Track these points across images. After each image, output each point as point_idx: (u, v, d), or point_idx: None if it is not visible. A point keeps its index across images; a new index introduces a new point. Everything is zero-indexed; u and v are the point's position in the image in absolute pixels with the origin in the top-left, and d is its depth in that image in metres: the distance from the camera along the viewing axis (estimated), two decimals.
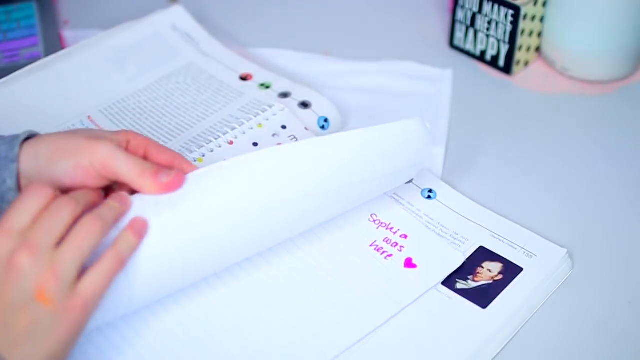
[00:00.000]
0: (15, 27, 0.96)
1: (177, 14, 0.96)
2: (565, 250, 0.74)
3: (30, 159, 0.65)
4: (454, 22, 0.95)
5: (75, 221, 0.60)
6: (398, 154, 0.73)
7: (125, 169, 0.64)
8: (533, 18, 0.91)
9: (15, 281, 0.56)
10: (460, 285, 0.72)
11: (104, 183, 0.66)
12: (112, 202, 0.63)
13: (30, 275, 0.56)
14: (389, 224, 0.76)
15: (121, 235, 0.61)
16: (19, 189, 0.65)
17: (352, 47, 0.97)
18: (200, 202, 0.65)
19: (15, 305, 0.56)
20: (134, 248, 0.61)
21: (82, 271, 0.59)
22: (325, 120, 0.85)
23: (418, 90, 0.91)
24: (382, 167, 0.72)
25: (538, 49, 0.95)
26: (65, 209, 0.59)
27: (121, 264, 0.60)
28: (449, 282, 0.72)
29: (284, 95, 0.87)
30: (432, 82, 0.93)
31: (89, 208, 0.62)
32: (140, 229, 0.62)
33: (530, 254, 0.74)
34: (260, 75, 0.90)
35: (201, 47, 0.94)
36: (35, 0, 0.98)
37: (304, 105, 0.86)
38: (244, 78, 0.90)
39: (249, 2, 1.03)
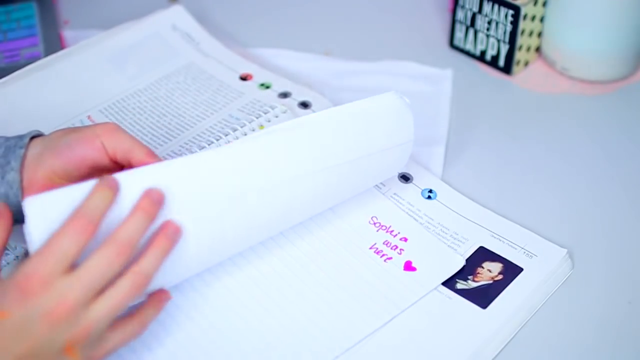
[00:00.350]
0: (15, 27, 0.96)
1: (177, 14, 0.96)
2: (566, 250, 0.74)
3: (37, 143, 0.69)
4: (454, 22, 0.95)
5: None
6: (380, 127, 0.73)
7: (128, 137, 0.68)
8: (533, 18, 0.91)
9: (49, 333, 0.57)
10: (461, 285, 0.72)
11: (104, 158, 0.68)
12: (157, 243, 0.61)
13: (64, 330, 0.57)
14: (389, 226, 0.76)
15: (149, 303, 0.63)
16: (21, 172, 0.67)
17: (352, 47, 0.97)
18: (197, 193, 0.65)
19: (43, 352, 0.57)
20: (157, 315, 0.63)
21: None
22: None
23: (418, 90, 0.91)
24: (367, 143, 0.72)
25: (538, 49, 0.95)
26: (115, 260, 0.58)
27: (143, 330, 0.62)
28: (449, 282, 0.72)
29: (284, 95, 0.87)
30: (432, 82, 0.93)
31: (143, 235, 0.61)
32: (166, 297, 0.64)
33: (531, 254, 0.74)
34: (260, 75, 0.90)
35: (201, 47, 0.94)
36: (35, 0, 0.98)
37: (304, 105, 0.86)
38: (244, 78, 0.90)
39: (249, 2, 1.03)
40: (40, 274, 0.56)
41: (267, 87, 0.89)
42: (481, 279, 0.72)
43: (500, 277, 0.72)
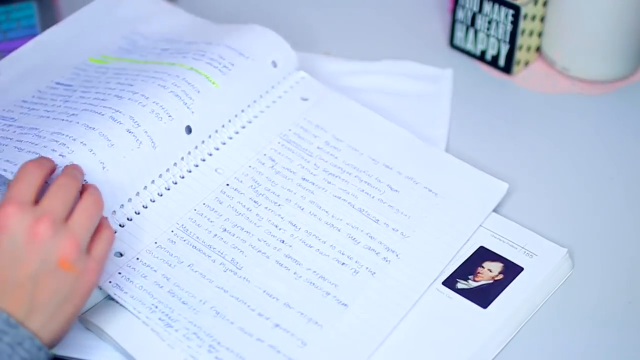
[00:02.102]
0: (15, 27, 0.96)
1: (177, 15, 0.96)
2: (566, 249, 0.74)
3: None
4: (454, 21, 0.95)
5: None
6: None
7: None
8: (533, 18, 0.91)
9: (38, 251, 0.60)
10: (461, 285, 0.72)
11: None
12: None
13: (53, 245, 0.61)
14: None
15: (87, 194, 0.67)
16: None
17: (352, 47, 0.97)
18: None
19: (39, 274, 0.60)
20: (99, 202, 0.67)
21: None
22: None
23: (418, 90, 0.91)
24: None
25: (538, 49, 0.95)
26: (73, 184, 0.65)
27: (108, 223, 0.67)
28: (449, 282, 0.72)
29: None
30: (432, 82, 0.92)
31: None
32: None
33: (531, 254, 0.74)
34: None
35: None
36: (35, 0, 0.98)
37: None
38: None
39: (248, 2, 1.03)
40: (12, 203, 0.61)
41: None
42: (481, 278, 0.72)
43: (501, 276, 0.72)
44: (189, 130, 0.78)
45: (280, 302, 0.69)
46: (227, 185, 0.78)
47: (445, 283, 0.72)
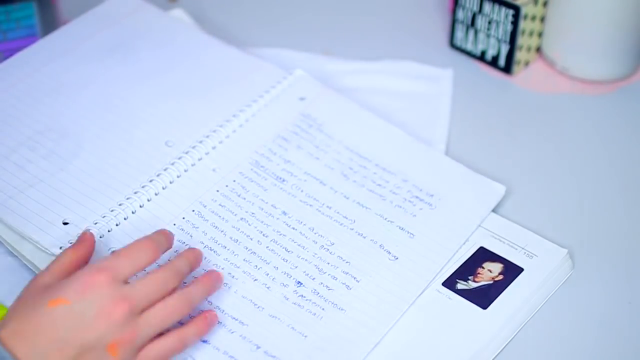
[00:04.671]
0: (15, 27, 0.96)
1: (178, 16, 0.96)
2: (566, 250, 0.74)
3: None
4: (454, 21, 0.95)
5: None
6: None
7: None
8: (533, 18, 0.91)
9: (101, 329, 0.60)
10: (461, 285, 0.72)
11: None
12: (202, 281, 0.67)
13: (117, 329, 0.60)
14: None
15: (194, 323, 0.65)
16: None
17: (352, 47, 0.97)
18: None
19: (87, 344, 0.59)
20: (197, 339, 0.66)
21: None
22: None
23: (418, 90, 0.91)
24: None
25: (538, 49, 0.95)
26: (170, 281, 0.64)
27: (182, 349, 0.64)
28: (449, 282, 0.72)
29: None
30: (432, 82, 0.92)
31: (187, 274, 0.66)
32: (211, 323, 0.67)
33: (531, 254, 0.74)
34: None
35: None
36: (35, 0, 0.98)
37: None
38: None
39: (249, 2, 1.03)
40: (107, 273, 0.61)
41: None
42: (481, 279, 0.72)
43: (501, 277, 0.72)
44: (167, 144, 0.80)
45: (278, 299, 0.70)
46: (226, 186, 0.78)
47: (445, 284, 0.72)
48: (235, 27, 0.99)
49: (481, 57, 0.94)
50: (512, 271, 0.72)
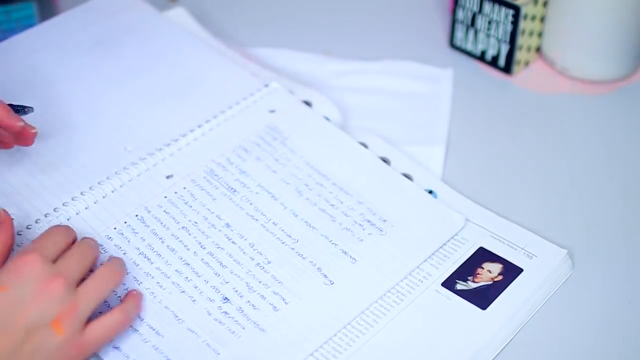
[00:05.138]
0: (15, 27, 0.96)
1: (178, 16, 0.96)
2: (566, 250, 0.74)
3: None
4: (454, 21, 0.95)
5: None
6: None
7: None
8: (533, 18, 0.91)
9: (41, 303, 0.61)
10: (460, 286, 0.72)
11: None
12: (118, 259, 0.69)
13: (57, 303, 0.61)
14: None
15: (128, 300, 0.68)
16: None
17: (352, 47, 0.97)
18: None
19: (32, 326, 0.60)
20: (138, 311, 0.68)
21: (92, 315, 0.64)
22: (327, 119, 0.85)
23: (418, 90, 0.91)
24: None
25: (538, 49, 0.95)
26: (90, 253, 0.66)
27: (128, 321, 0.66)
28: (448, 283, 0.72)
29: None
30: (432, 82, 0.92)
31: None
32: (139, 298, 0.68)
33: (531, 255, 0.74)
34: (261, 74, 0.90)
35: None
36: (35, 0, 0.98)
37: (305, 104, 0.86)
38: None
39: (249, 2, 1.03)
40: (36, 254, 0.63)
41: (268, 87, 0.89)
42: (481, 279, 0.72)
43: (500, 277, 0.72)
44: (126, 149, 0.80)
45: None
46: (175, 193, 0.77)
47: (444, 284, 0.72)
48: (236, 27, 0.99)
49: (481, 57, 0.94)
50: (511, 271, 0.72)
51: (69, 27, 0.91)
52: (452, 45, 0.96)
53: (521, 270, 0.73)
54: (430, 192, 0.79)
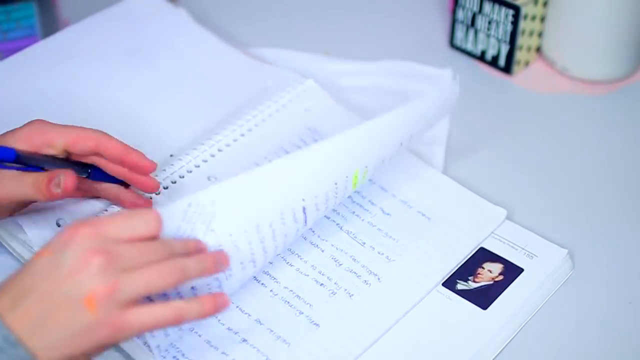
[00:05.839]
0: (15, 27, 0.96)
1: (178, 16, 0.96)
2: (566, 250, 0.74)
3: None
4: (454, 22, 0.95)
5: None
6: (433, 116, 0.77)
7: (19, 192, 0.67)
8: (533, 18, 0.91)
9: (78, 275, 0.56)
10: (461, 286, 0.72)
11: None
12: (205, 258, 0.61)
13: (93, 279, 0.56)
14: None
15: (198, 300, 0.60)
16: None
17: (352, 47, 0.97)
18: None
19: (63, 297, 0.56)
20: (199, 317, 0.60)
21: (142, 301, 0.59)
22: None
23: (418, 90, 0.91)
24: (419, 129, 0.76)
25: (538, 49, 0.95)
26: (160, 254, 0.59)
27: (178, 322, 0.60)
28: (449, 283, 0.72)
29: None
30: (432, 82, 0.92)
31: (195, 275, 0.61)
32: (219, 305, 0.61)
33: (531, 255, 0.74)
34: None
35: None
36: (35, 0, 0.98)
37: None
38: None
39: (249, 2, 1.03)
40: (92, 227, 0.58)
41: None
42: (482, 279, 0.72)
43: (501, 277, 0.72)
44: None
45: (252, 318, 0.69)
46: None
47: (445, 284, 0.72)
48: (236, 27, 0.99)
49: (481, 57, 0.94)
50: (512, 271, 0.72)
51: (96, 33, 0.91)
52: (452, 45, 0.96)
53: (522, 270, 0.73)
54: None
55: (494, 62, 0.94)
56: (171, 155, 0.80)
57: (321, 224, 0.75)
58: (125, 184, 0.73)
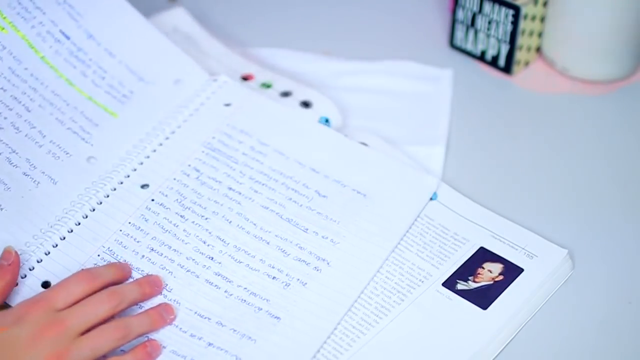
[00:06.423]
0: None
1: (178, 15, 0.96)
2: (566, 250, 0.74)
3: None
4: (454, 22, 0.95)
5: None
6: None
7: None
8: (533, 18, 0.91)
9: (33, 348, 0.62)
10: (461, 286, 0.72)
11: None
12: (148, 314, 0.68)
13: (47, 349, 0.62)
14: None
15: (132, 351, 0.66)
16: None
17: (352, 47, 0.97)
18: None
19: None
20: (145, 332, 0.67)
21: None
22: (327, 121, 0.85)
23: (418, 90, 0.91)
24: None
25: (538, 49, 0.95)
26: (107, 304, 0.66)
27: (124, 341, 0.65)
28: (449, 283, 0.72)
29: (285, 94, 0.87)
30: (432, 82, 0.92)
31: (136, 302, 0.69)
32: (153, 351, 0.66)
33: (531, 255, 0.74)
34: (261, 75, 0.90)
35: (202, 48, 0.94)
36: None
37: (305, 104, 0.86)
38: (245, 78, 0.90)
39: (249, 2, 1.03)
40: (43, 302, 0.64)
41: (269, 87, 0.89)
42: (481, 279, 0.72)
43: (501, 277, 0.72)
44: (89, 160, 0.78)
45: (213, 322, 0.69)
46: (152, 200, 0.77)
47: (445, 284, 0.72)
48: (236, 27, 0.99)
49: (481, 57, 0.94)
50: (512, 271, 0.72)
51: None
52: (452, 45, 0.96)
53: (522, 270, 0.73)
54: None
55: (494, 62, 0.94)
56: (89, 160, 0.79)
57: (261, 215, 0.76)
58: None
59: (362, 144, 0.82)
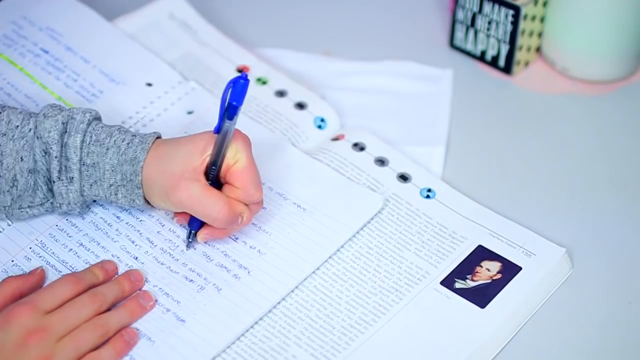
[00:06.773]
0: None
1: (175, 2, 0.96)
2: (564, 249, 0.74)
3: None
4: (454, 22, 0.95)
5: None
6: None
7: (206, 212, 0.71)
8: (533, 18, 0.91)
9: (18, 353, 0.64)
10: (459, 284, 0.72)
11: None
12: (125, 306, 0.69)
13: (33, 352, 0.64)
14: None
15: (109, 342, 0.67)
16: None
17: (352, 47, 0.97)
18: None
19: None
20: (118, 357, 0.67)
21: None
22: (322, 120, 0.85)
23: (418, 90, 0.91)
24: None
25: (538, 49, 0.95)
26: (90, 306, 0.67)
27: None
28: (447, 281, 0.72)
29: (280, 94, 0.87)
30: (432, 82, 0.92)
31: (117, 300, 0.70)
32: (130, 339, 0.68)
33: (529, 253, 0.73)
34: (257, 68, 0.90)
35: (199, 36, 0.94)
36: None
37: (300, 106, 0.86)
38: (240, 70, 0.90)
39: (249, 3, 1.03)
40: (28, 306, 0.65)
41: (264, 83, 0.88)
42: (480, 278, 0.72)
43: (499, 276, 0.72)
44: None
45: None
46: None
47: (443, 283, 0.72)
48: (235, 27, 0.99)
49: (481, 57, 0.94)
50: (510, 270, 0.72)
51: None
52: (452, 45, 0.96)
53: (520, 268, 0.72)
54: (429, 190, 0.79)
55: (494, 62, 0.93)
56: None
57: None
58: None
59: (361, 144, 0.82)
